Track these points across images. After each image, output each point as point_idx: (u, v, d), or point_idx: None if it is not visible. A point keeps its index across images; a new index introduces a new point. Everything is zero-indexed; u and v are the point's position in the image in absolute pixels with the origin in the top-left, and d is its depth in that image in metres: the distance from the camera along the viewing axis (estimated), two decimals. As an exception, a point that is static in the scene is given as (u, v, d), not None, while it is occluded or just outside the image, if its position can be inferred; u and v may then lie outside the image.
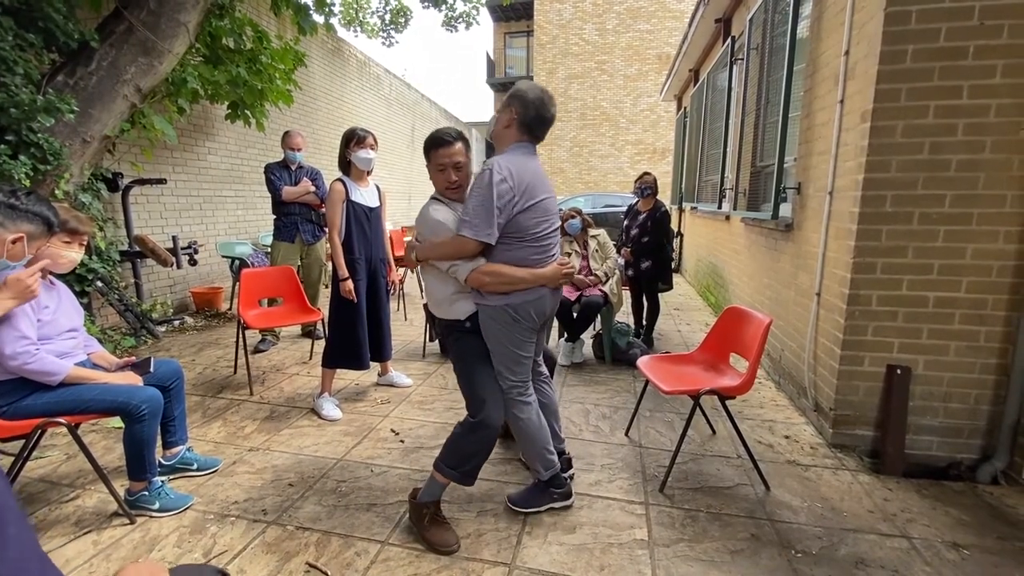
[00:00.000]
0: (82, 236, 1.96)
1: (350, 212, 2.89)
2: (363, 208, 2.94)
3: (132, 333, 4.27)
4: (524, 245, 1.84)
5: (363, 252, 2.96)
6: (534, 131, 1.88)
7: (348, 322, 2.95)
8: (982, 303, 2.32)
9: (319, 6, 5.34)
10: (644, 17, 16.71)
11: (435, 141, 1.92)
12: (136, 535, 1.88)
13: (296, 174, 4.22)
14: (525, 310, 1.87)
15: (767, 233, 3.82)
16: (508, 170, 1.77)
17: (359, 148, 2.88)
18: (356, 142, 2.87)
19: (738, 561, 1.78)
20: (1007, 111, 2.18)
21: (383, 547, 1.83)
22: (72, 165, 3.49)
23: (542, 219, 1.87)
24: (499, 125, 1.92)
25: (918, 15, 2.20)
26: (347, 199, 2.87)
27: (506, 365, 1.91)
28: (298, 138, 4.17)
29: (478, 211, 1.74)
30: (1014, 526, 1.99)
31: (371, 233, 3.00)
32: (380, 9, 9.73)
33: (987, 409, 2.39)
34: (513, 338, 1.88)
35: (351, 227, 2.91)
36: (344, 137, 2.90)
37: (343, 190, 2.86)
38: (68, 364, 1.86)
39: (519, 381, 1.93)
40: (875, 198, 2.35)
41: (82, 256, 2.00)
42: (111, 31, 3.60)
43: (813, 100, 3.02)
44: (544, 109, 1.86)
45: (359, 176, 2.96)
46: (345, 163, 2.93)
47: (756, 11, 4.07)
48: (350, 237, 2.92)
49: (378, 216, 3.05)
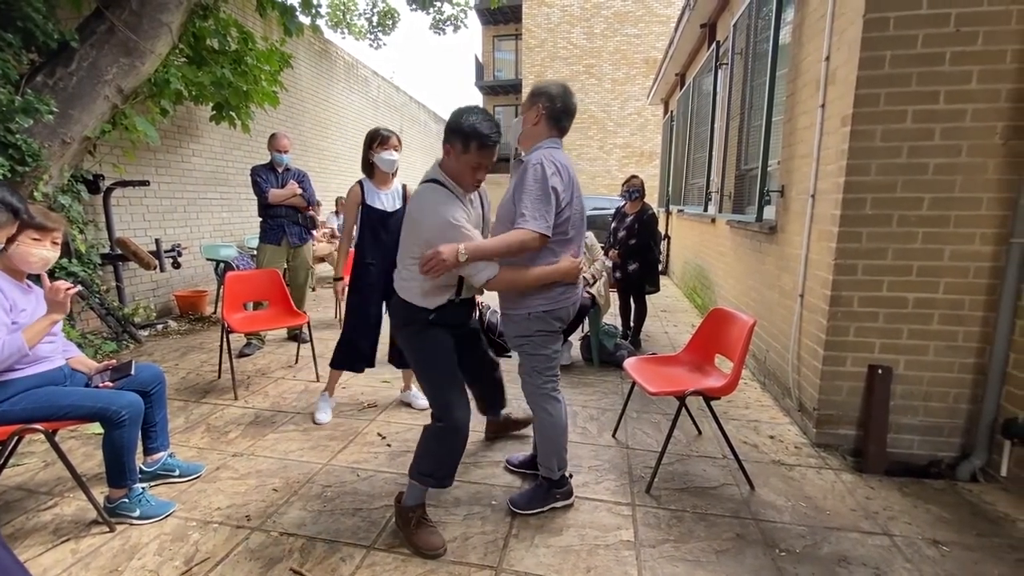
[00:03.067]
0: (53, 233, 1.90)
1: (364, 217, 2.81)
2: (378, 213, 2.82)
3: (114, 338, 4.20)
4: (554, 246, 1.86)
5: (375, 257, 2.83)
6: (561, 123, 1.94)
7: (352, 326, 2.89)
8: (960, 303, 2.36)
9: (305, 7, 5.31)
10: (631, 22, 16.86)
11: (483, 140, 1.74)
12: (116, 543, 1.84)
13: (283, 176, 4.19)
14: (566, 311, 1.96)
15: (751, 235, 3.87)
16: (555, 165, 1.82)
17: (382, 149, 2.78)
18: (380, 143, 2.78)
19: (723, 561, 1.79)
20: (982, 116, 2.24)
21: (369, 552, 1.82)
22: (51, 166, 3.43)
23: (577, 218, 1.93)
24: (527, 124, 1.97)
25: (896, 21, 2.25)
26: (363, 203, 2.80)
27: (540, 368, 1.99)
28: (284, 140, 4.14)
29: (538, 205, 1.76)
30: (993, 523, 2.03)
31: (387, 239, 2.79)
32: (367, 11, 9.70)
33: (966, 408, 2.43)
34: (548, 341, 1.96)
35: (364, 232, 2.82)
36: (367, 137, 2.82)
37: (359, 193, 2.79)
38: (18, 334, 1.76)
39: (552, 377, 2.02)
40: (855, 201, 2.39)
41: (56, 255, 1.95)
42: (92, 31, 3.54)
43: (795, 104, 3.07)
44: (569, 99, 1.94)
45: (383, 179, 2.85)
46: (368, 165, 2.84)
47: (740, 16, 4.12)
48: (363, 241, 2.83)
49: (397, 220, 2.78)
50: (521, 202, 1.78)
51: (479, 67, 21.57)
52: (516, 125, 2.02)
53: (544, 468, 2.07)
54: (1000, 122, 2.22)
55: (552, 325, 1.95)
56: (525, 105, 1.99)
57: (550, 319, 1.93)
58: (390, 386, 3.45)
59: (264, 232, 4.20)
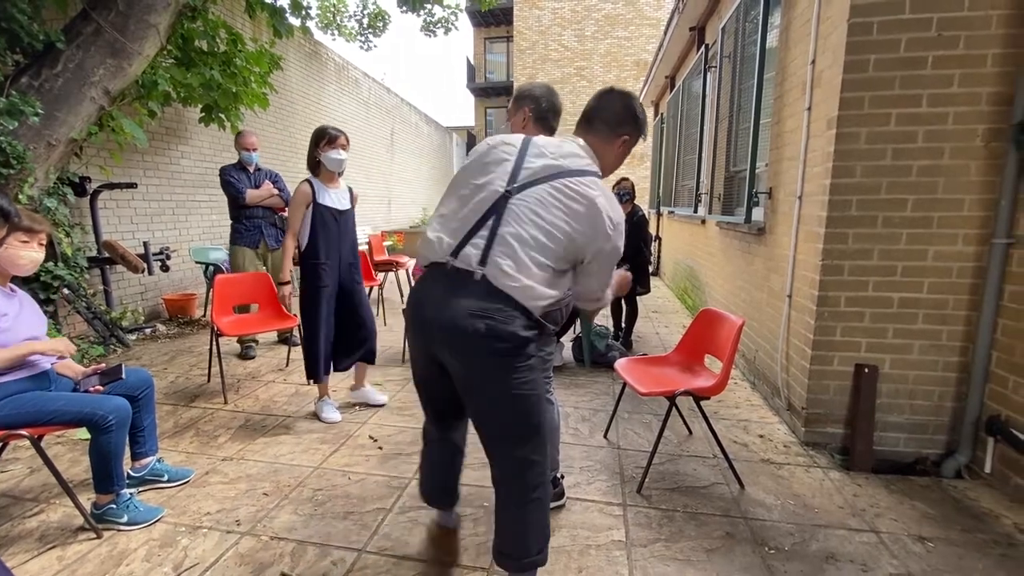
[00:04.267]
0: (39, 235, 1.89)
1: (316, 215, 2.76)
2: (331, 211, 2.81)
3: (101, 342, 4.15)
4: None
5: (329, 256, 2.82)
6: (549, 123, 1.93)
7: (311, 330, 2.85)
8: (943, 303, 2.40)
9: (295, 9, 5.29)
10: (622, 24, 16.96)
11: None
12: (103, 550, 1.82)
13: (255, 176, 4.12)
14: (559, 313, 1.90)
15: (740, 237, 3.90)
16: None
17: (330, 148, 2.76)
18: (327, 141, 2.76)
19: (713, 559, 1.81)
20: (964, 119, 2.28)
21: (360, 555, 1.81)
22: (36, 169, 3.38)
23: None
24: (515, 128, 1.95)
25: (880, 26, 2.29)
26: (313, 201, 2.76)
27: None
28: (252, 137, 4.08)
29: None
30: (976, 519, 2.07)
31: (340, 237, 2.86)
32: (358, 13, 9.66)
33: (950, 406, 2.47)
34: (542, 344, 1.91)
35: (317, 231, 2.77)
36: (314, 136, 2.79)
37: (309, 192, 2.74)
38: None
39: (546, 378, 1.97)
40: (841, 202, 2.42)
41: (43, 256, 1.93)
42: (78, 32, 3.50)
43: (783, 107, 3.10)
44: (554, 98, 1.93)
45: (329, 178, 2.84)
46: (314, 163, 2.82)
47: (728, 20, 4.17)
48: (315, 241, 2.77)
49: (348, 219, 2.92)
50: None
51: (471, 69, 21.58)
52: (504, 130, 2.03)
53: None
54: (981, 125, 2.26)
55: (547, 328, 1.95)
56: (511, 110, 1.99)
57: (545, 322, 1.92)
58: (381, 389, 3.44)
59: (239, 235, 4.11)
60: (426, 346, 1.53)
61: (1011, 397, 2.22)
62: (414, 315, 1.54)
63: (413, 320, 1.55)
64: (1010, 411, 2.22)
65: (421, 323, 1.51)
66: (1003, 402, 2.26)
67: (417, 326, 1.54)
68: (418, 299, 1.53)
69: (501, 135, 1.60)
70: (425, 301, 1.50)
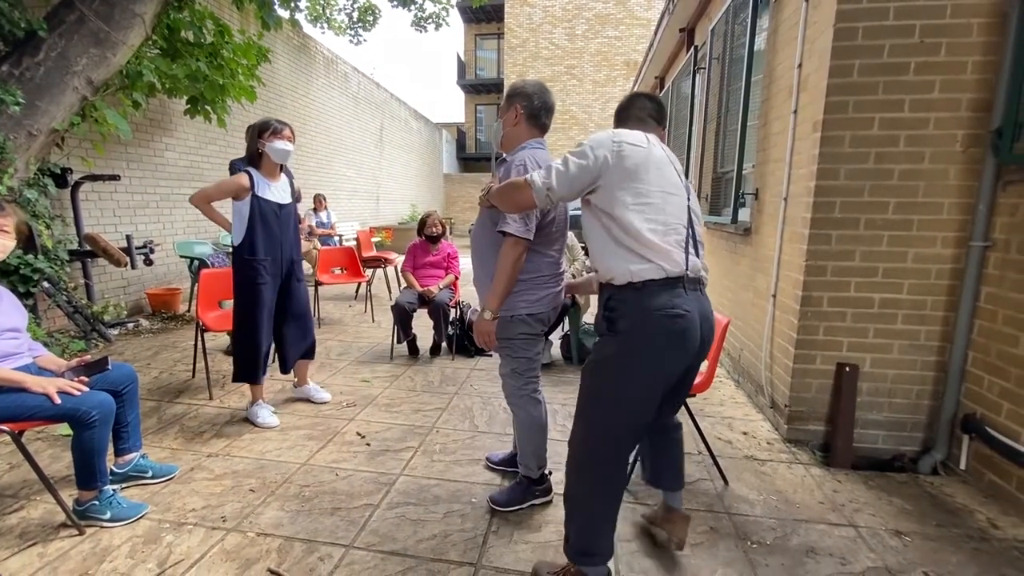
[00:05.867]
0: (2, 221, 1.86)
1: (255, 209, 2.64)
2: (271, 205, 2.69)
3: (82, 336, 4.08)
4: (538, 246, 1.88)
5: (269, 253, 2.71)
6: (541, 120, 1.94)
7: (249, 330, 2.73)
8: (922, 304, 2.46)
9: (284, 1, 5.24)
10: (612, 24, 17.02)
11: None
12: (85, 546, 1.80)
13: None
14: (547, 314, 1.98)
15: (727, 237, 3.95)
16: (539, 165, 1.78)
17: (276, 138, 2.64)
18: (272, 132, 2.63)
19: (697, 553, 1.84)
20: (944, 124, 2.33)
21: (347, 551, 1.81)
22: (16, 159, 3.32)
23: (561, 219, 1.95)
24: (507, 126, 1.96)
25: (864, 32, 2.33)
26: (252, 194, 2.63)
27: (521, 369, 2.01)
28: None
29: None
30: (951, 513, 2.13)
31: (280, 232, 2.74)
32: (347, 6, 9.58)
33: (928, 404, 2.54)
34: (531, 344, 1.99)
35: (255, 225, 2.65)
36: (256, 127, 2.66)
37: (247, 183, 2.61)
38: None
39: (532, 378, 2.04)
40: (825, 204, 2.47)
41: (12, 244, 1.90)
42: (61, 20, 3.44)
43: (769, 110, 3.15)
44: (546, 95, 1.94)
45: (271, 170, 2.72)
46: (256, 155, 2.67)
47: (717, 22, 4.21)
48: (253, 236, 2.65)
49: (289, 213, 2.81)
50: None
51: (461, 65, 21.50)
52: (496, 128, 2.02)
53: (524, 466, 2.10)
54: (960, 130, 2.32)
55: (535, 328, 1.97)
56: (503, 107, 1.99)
57: (533, 322, 1.95)
58: (369, 385, 3.44)
59: None
60: (698, 358, 1.58)
61: (986, 396, 2.29)
62: (696, 339, 1.50)
63: (697, 343, 1.51)
64: (985, 409, 2.29)
65: (704, 340, 1.55)
66: (979, 400, 2.33)
67: (701, 344, 1.54)
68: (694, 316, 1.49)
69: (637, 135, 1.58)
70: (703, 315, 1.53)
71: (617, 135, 1.53)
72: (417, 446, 2.59)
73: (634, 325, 1.47)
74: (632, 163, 1.48)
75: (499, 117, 2.02)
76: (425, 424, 2.85)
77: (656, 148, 1.57)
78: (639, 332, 1.46)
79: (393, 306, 3.93)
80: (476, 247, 2.00)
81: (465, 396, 3.27)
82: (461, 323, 4.21)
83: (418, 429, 2.79)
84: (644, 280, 1.44)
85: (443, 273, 4.28)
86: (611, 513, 1.58)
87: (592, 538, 1.58)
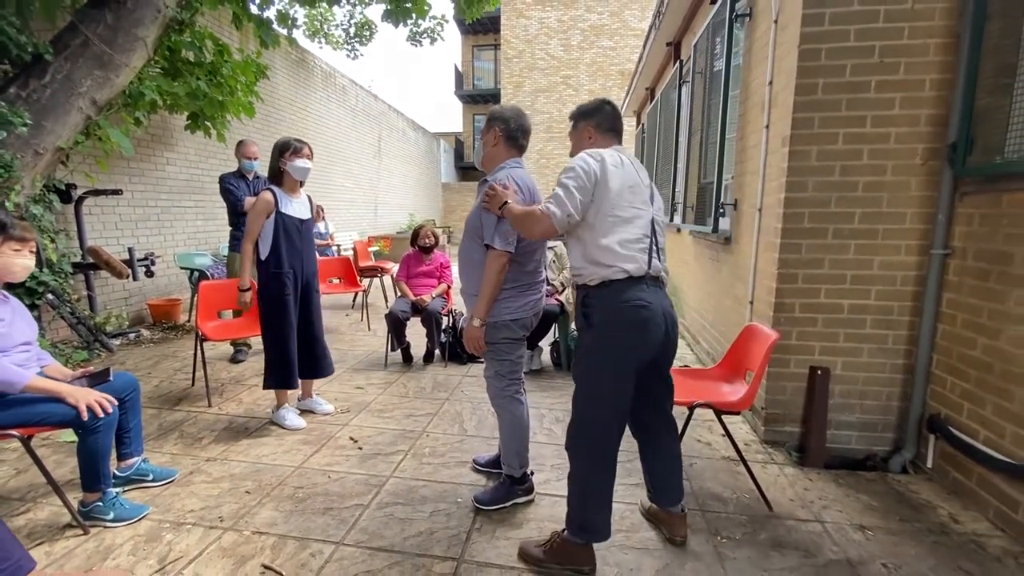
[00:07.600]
0: (30, 243, 1.99)
1: (279, 224, 2.81)
2: (294, 220, 2.87)
3: (85, 347, 4.19)
4: (519, 257, 2.02)
5: (292, 266, 2.87)
6: (519, 141, 2.12)
7: (280, 339, 2.88)
8: (889, 309, 2.58)
9: (282, 21, 5.40)
10: (607, 35, 17.28)
11: None
12: (90, 545, 1.91)
13: (254, 184, 4.22)
14: (530, 320, 2.12)
15: (710, 245, 4.07)
16: (516, 183, 1.99)
17: (296, 158, 2.81)
18: (292, 152, 2.81)
19: (669, 548, 1.94)
20: (905, 139, 2.46)
21: (338, 547, 1.91)
22: (23, 177, 3.45)
23: None
24: (487, 147, 2.13)
25: (827, 52, 2.46)
26: (276, 211, 2.80)
27: (504, 372, 2.15)
28: (253, 147, 4.17)
29: (501, 225, 1.94)
30: (915, 509, 2.23)
31: (301, 246, 2.91)
32: (345, 22, 9.78)
33: (897, 405, 2.64)
34: (513, 348, 2.13)
35: (279, 240, 2.81)
36: (278, 146, 2.83)
37: (272, 201, 2.78)
38: (29, 373, 1.88)
39: (515, 380, 2.18)
40: (795, 215, 2.59)
41: (33, 263, 2.02)
42: (66, 44, 3.59)
43: (746, 124, 3.28)
44: (523, 119, 2.12)
45: (292, 187, 2.90)
46: (278, 173, 2.85)
47: (700, 38, 4.36)
48: (278, 250, 2.81)
49: (309, 228, 3.00)
50: (487, 221, 1.97)
51: (459, 76, 21.77)
52: (478, 149, 2.18)
53: (507, 466, 2.20)
54: (920, 144, 2.44)
55: (517, 332, 2.10)
56: (484, 130, 2.16)
57: (516, 327, 2.08)
58: (363, 392, 3.55)
59: (236, 240, 4.19)
60: (665, 350, 1.82)
61: (949, 396, 2.39)
62: (659, 329, 1.74)
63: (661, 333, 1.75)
64: (948, 410, 2.39)
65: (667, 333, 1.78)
66: (942, 401, 2.43)
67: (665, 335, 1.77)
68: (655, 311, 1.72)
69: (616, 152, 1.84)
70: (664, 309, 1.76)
71: (598, 155, 1.77)
72: (407, 449, 2.70)
73: (605, 317, 1.72)
74: (614, 185, 1.73)
75: (480, 137, 2.17)
76: (416, 428, 2.96)
77: (628, 167, 1.79)
78: (610, 322, 1.71)
79: (387, 315, 4.05)
80: (463, 259, 2.13)
81: (456, 402, 3.38)
82: (454, 331, 4.32)
83: (409, 433, 2.90)
84: (612, 280, 1.70)
85: (436, 282, 4.41)
86: (604, 489, 1.80)
87: (586, 512, 1.79)
